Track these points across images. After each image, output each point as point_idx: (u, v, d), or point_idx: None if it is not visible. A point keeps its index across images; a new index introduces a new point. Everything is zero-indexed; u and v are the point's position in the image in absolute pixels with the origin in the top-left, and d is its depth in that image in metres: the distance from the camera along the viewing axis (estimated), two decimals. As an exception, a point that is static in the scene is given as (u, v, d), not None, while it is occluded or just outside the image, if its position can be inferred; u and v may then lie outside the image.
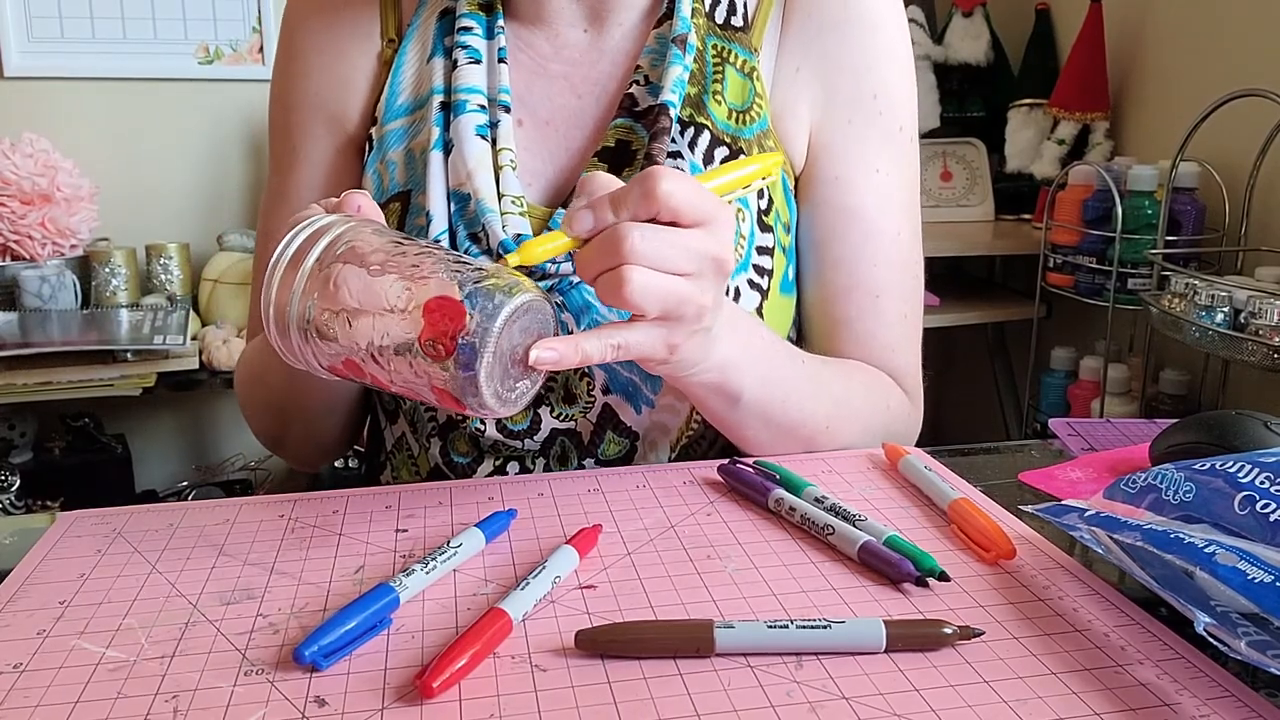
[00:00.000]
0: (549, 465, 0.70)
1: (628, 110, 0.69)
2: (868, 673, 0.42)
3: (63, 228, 1.80)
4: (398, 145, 0.71)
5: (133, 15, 1.99)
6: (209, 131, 2.07)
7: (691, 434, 0.71)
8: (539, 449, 0.69)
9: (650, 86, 0.69)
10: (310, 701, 0.40)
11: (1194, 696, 0.40)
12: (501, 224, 0.65)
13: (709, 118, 0.69)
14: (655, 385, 0.68)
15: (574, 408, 0.68)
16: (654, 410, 0.68)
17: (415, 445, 0.73)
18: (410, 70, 0.72)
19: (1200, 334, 1.40)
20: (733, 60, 0.70)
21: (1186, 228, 1.64)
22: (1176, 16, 1.85)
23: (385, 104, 0.71)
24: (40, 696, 0.41)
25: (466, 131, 0.67)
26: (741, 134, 0.70)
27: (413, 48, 0.72)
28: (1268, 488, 0.46)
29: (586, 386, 0.67)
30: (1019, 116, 2.13)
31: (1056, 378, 1.95)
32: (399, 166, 0.70)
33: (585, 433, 0.68)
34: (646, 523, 0.56)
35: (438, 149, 0.68)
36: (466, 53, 0.70)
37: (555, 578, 0.48)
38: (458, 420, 0.69)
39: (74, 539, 0.55)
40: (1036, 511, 0.52)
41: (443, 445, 0.71)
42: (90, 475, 1.92)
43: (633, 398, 0.68)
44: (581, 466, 0.70)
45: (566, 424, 0.68)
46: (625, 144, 0.68)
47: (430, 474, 0.73)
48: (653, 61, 0.70)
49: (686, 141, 0.68)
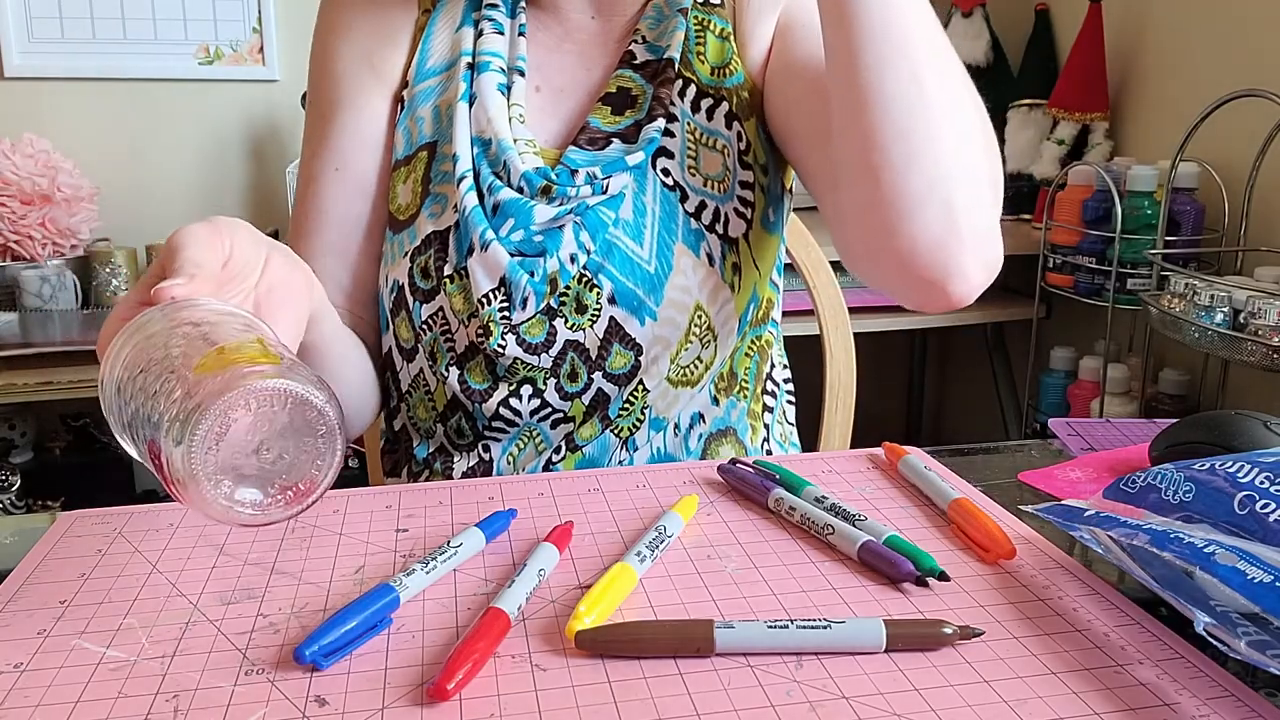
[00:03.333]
0: (559, 384, 0.74)
1: (628, 64, 0.78)
2: (868, 672, 0.42)
3: (63, 228, 1.80)
4: (426, 102, 0.78)
5: (133, 15, 1.99)
6: (209, 131, 2.07)
7: (689, 349, 0.76)
8: (550, 367, 0.73)
9: (649, 45, 0.78)
10: (310, 701, 0.40)
11: (1194, 696, 0.40)
12: (520, 159, 0.74)
13: (694, 73, 0.78)
14: (658, 298, 0.73)
15: (584, 317, 0.73)
16: (656, 323, 0.74)
17: (432, 379, 0.77)
18: (440, 38, 0.80)
19: (1200, 334, 1.40)
20: (711, 28, 0.79)
21: (1186, 228, 1.64)
22: (1176, 16, 1.85)
23: (416, 67, 0.79)
24: (41, 696, 0.41)
25: (489, 87, 0.76)
26: (723, 85, 0.78)
27: (443, 18, 0.80)
28: (1268, 488, 0.46)
29: (595, 296, 0.72)
30: (1019, 117, 2.13)
31: (1056, 378, 1.95)
32: (427, 121, 0.78)
33: (593, 347, 0.73)
34: (647, 522, 0.56)
35: (463, 101, 0.76)
36: (492, 24, 0.78)
37: (540, 570, 0.49)
38: (478, 345, 0.73)
39: (74, 539, 0.55)
40: (1036, 511, 0.52)
41: (460, 373, 0.75)
42: (90, 475, 1.93)
43: (637, 310, 0.73)
44: (590, 381, 0.74)
45: (576, 334, 0.73)
46: (625, 90, 0.77)
47: (447, 407, 0.77)
48: (650, 26, 0.79)
49: (676, 91, 0.77)
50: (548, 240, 0.72)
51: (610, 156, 0.75)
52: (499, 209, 0.73)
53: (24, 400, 1.62)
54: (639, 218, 0.74)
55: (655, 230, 0.74)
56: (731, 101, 0.78)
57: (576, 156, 0.75)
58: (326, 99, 0.81)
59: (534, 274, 0.72)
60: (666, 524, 0.53)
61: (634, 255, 0.73)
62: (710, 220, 0.75)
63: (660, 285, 0.73)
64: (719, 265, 0.75)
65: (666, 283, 0.73)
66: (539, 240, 0.72)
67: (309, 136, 0.82)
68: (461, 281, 0.73)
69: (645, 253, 0.74)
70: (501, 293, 0.72)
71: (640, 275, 0.73)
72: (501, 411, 0.75)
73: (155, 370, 0.45)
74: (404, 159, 0.78)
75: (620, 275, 0.73)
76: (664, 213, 0.74)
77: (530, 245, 0.72)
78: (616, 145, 0.75)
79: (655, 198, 0.74)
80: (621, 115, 0.77)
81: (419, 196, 0.76)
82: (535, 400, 0.74)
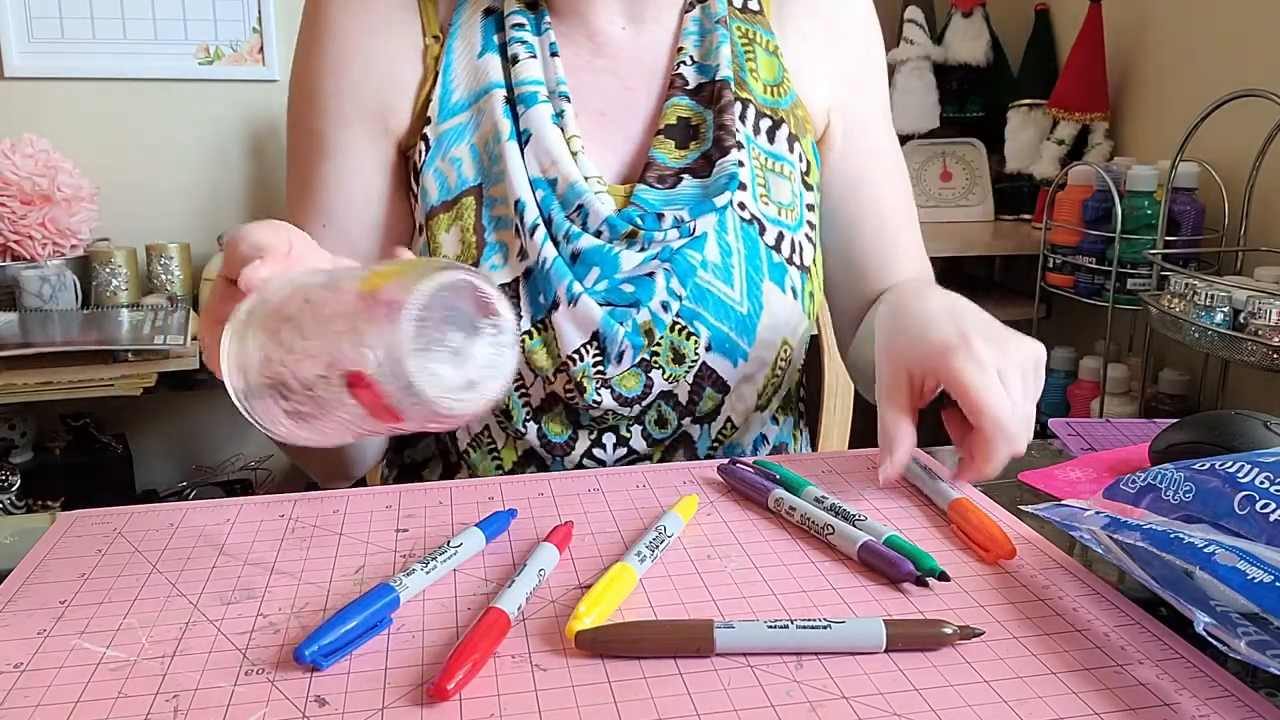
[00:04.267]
0: (646, 430, 0.72)
1: (681, 89, 0.74)
2: (868, 672, 0.42)
3: (63, 228, 1.80)
4: (459, 141, 0.71)
5: (133, 15, 1.99)
6: (209, 131, 2.07)
7: (775, 382, 0.76)
8: (637, 415, 0.71)
9: (697, 66, 0.74)
10: (310, 701, 0.40)
11: (1194, 696, 0.40)
12: (598, 201, 0.68)
13: (751, 93, 0.75)
14: (751, 338, 0.72)
15: (681, 367, 0.70)
16: (747, 363, 0.72)
17: (502, 436, 0.73)
18: (460, 67, 0.72)
19: (1200, 334, 1.40)
20: (758, 40, 0.77)
21: (1186, 228, 1.64)
22: (1176, 17, 1.85)
23: (439, 102, 0.72)
24: (41, 696, 0.41)
25: (543, 122, 0.69)
26: (779, 105, 0.76)
27: (460, 45, 0.72)
28: (1267, 488, 0.46)
29: (693, 345, 0.70)
30: (1018, 117, 2.13)
31: (1056, 378, 1.95)
32: (465, 162, 0.71)
33: (683, 393, 0.72)
34: (647, 522, 0.56)
35: (512, 140, 0.69)
36: (526, 47, 0.71)
37: (540, 570, 0.48)
38: (563, 398, 0.70)
39: (74, 539, 0.55)
40: (1036, 511, 0.52)
41: (539, 427, 0.71)
42: (90, 475, 1.92)
43: (730, 353, 0.71)
44: (679, 427, 0.73)
45: (671, 384, 0.71)
46: (685, 120, 0.73)
47: (518, 462, 0.74)
48: (695, 43, 0.75)
49: (737, 114, 0.73)
50: (640, 290, 0.68)
51: (688, 194, 0.70)
52: (579, 257, 0.68)
53: (24, 400, 1.62)
54: (725, 258, 0.70)
55: (743, 269, 0.71)
56: (789, 122, 0.75)
57: (650, 197, 0.70)
58: (312, 142, 0.74)
59: (624, 324, 0.67)
60: (666, 524, 0.53)
61: (727, 299, 0.70)
62: (789, 252, 0.73)
63: (753, 327, 0.71)
64: (801, 298, 0.74)
65: (759, 323, 0.72)
66: (628, 290, 0.68)
67: (292, 178, 0.76)
68: (544, 335, 0.68)
69: (737, 294, 0.71)
70: (594, 347, 0.68)
71: (734, 319, 0.71)
72: (584, 462, 0.72)
73: (310, 321, 0.45)
74: (442, 205, 0.70)
75: (716, 321, 0.70)
76: (748, 250, 0.71)
77: (619, 295, 0.68)
78: (689, 182, 0.71)
79: (737, 235, 0.71)
80: (686, 149, 0.73)
81: (474, 247, 0.69)
82: (621, 449, 0.72)
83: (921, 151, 2.21)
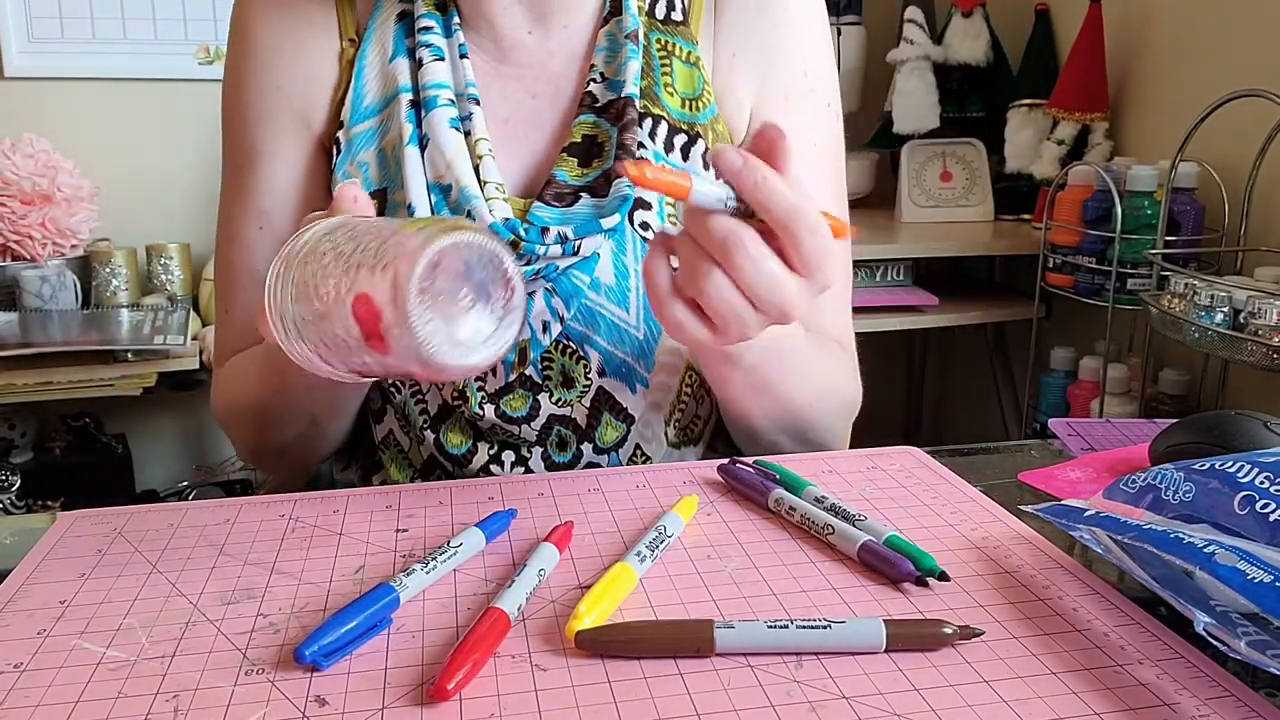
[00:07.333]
0: (546, 453, 0.71)
1: (589, 107, 0.71)
2: (868, 672, 0.42)
3: (63, 228, 1.80)
4: (368, 146, 0.71)
5: (133, 15, 1.99)
6: (209, 131, 2.07)
7: (683, 408, 0.73)
8: (535, 437, 0.70)
9: (608, 82, 0.71)
10: (311, 701, 0.40)
11: (1194, 696, 0.40)
12: (488, 209, 0.66)
13: (664, 108, 0.71)
14: (649, 364, 0.70)
15: (571, 392, 0.69)
16: (648, 390, 0.70)
17: (406, 439, 0.74)
18: (373, 71, 0.72)
19: (1200, 334, 1.40)
20: (677, 52, 0.73)
21: (1186, 228, 1.64)
22: (1176, 16, 1.85)
23: (351, 106, 0.72)
24: (40, 696, 0.41)
25: (441, 125, 0.68)
26: (696, 120, 0.72)
27: (373, 49, 0.72)
28: (1267, 488, 0.46)
29: (584, 370, 0.69)
30: (1018, 117, 2.13)
31: (1056, 378, 1.95)
32: (371, 166, 0.71)
33: (581, 418, 0.70)
34: (646, 522, 0.56)
35: (412, 144, 0.68)
36: (431, 50, 0.70)
37: (540, 570, 0.48)
38: (453, 407, 0.70)
39: (74, 539, 0.55)
40: (1036, 511, 0.52)
41: (436, 437, 0.71)
42: (90, 475, 1.92)
43: (628, 378, 0.70)
44: (579, 453, 0.71)
45: (563, 409, 0.69)
46: (591, 138, 0.70)
47: (424, 466, 0.73)
48: (606, 59, 0.72)
49: (646, 132, 0.70)
50: None
51: (580, 215, 0.68)
52: None
53: (24, 400, 1.62)
54: (622, 280, 0.68)
55: (640, 293, 0.68)
56: (707, 138, 0.72)
57: (544, 214, 0.68)
58: (242, 146, 0.74)
59: None
60: (666, 524, 0.53)
61: (621, 322, 0.68)
62: None
63: (650, 351, 0.70)
64: None
65: (657, 347, 0.70)
66: None
67: (227, 183, 0.76)
68: None
69: (633, 318, 0.69)
70: None
71: (630, 343, 0.69)
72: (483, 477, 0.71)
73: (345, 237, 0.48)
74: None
75: (608, 345, 0.68)
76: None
77: None
78: (586, 201, 0.68)
79: (636, 257, 0.68)
80: (589, 166, 0.69)
81: None
82: (520, 468, 0.71)
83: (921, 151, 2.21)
